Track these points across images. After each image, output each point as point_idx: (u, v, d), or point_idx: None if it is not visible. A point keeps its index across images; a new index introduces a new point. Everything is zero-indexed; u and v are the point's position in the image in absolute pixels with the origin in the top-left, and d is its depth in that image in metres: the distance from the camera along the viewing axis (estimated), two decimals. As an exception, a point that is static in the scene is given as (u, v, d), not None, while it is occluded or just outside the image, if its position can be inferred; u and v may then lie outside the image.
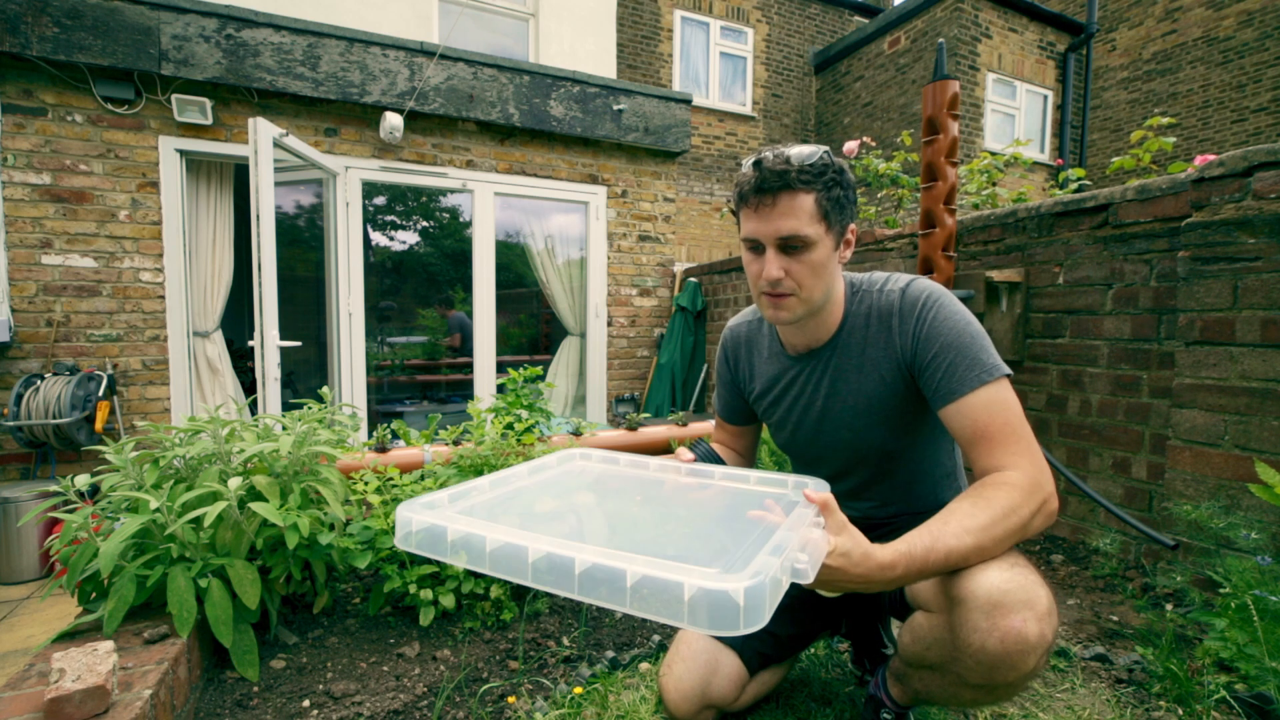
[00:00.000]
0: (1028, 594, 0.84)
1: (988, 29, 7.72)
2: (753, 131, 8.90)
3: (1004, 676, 0.86)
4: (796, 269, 1.03)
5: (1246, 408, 1.69)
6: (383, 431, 2.42)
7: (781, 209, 1.00)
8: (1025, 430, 0.96)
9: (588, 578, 0.66)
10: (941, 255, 2.45)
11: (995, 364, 0.99)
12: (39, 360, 3.31)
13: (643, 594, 0.63)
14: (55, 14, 3.21)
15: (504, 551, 0.72)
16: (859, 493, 1.22)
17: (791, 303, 1.06)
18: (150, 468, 1.52)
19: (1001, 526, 0.87)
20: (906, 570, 0.82)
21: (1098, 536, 2.18)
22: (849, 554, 0.79)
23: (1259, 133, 7.66)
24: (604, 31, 5.84)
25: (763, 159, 1.01)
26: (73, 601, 2.41)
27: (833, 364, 1.15)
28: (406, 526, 0.82)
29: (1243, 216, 1.69)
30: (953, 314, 1.03)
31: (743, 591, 0.59)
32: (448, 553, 0.78)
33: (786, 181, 0.99)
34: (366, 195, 4.20)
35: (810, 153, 1.01)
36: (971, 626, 0.86)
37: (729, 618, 0.58)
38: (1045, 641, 0.84)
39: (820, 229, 1.02)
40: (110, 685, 1.08)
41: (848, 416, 1.14)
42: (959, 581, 0.89)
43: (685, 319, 4.76)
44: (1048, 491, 0.91)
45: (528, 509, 1.01)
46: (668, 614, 0.61)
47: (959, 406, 0.98)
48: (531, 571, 0.70)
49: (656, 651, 1.56)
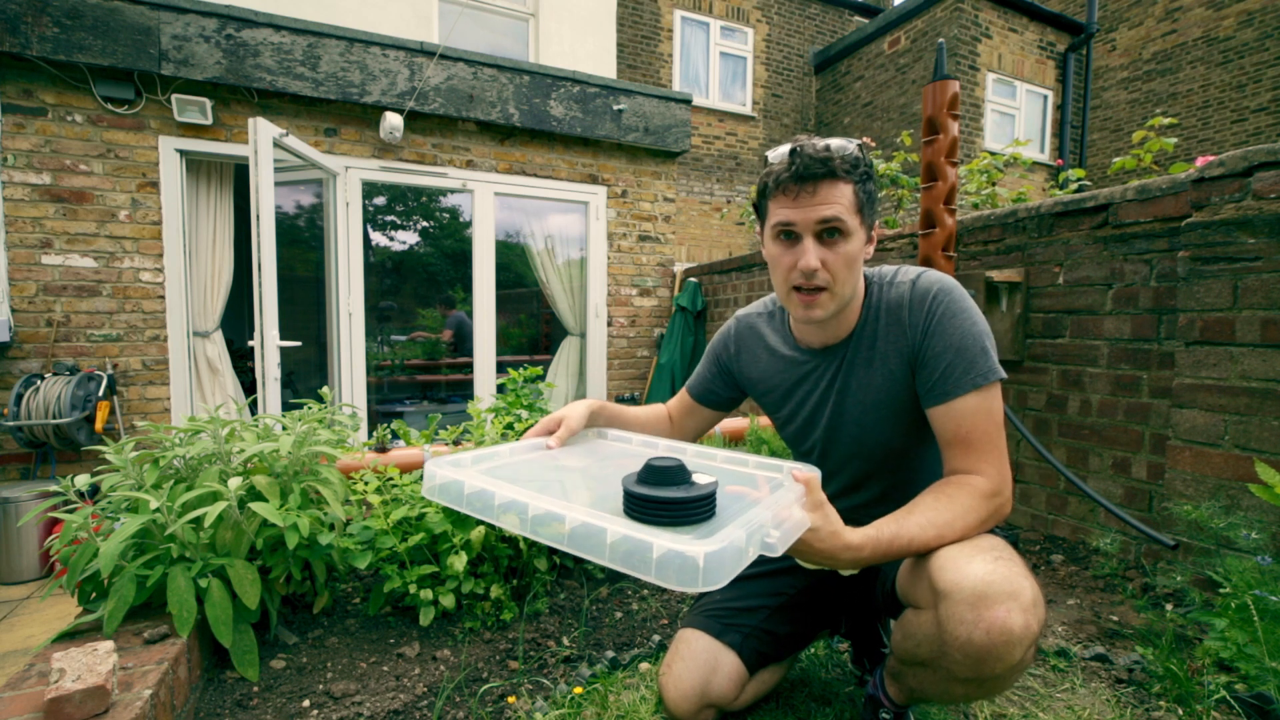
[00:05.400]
0: (1012, 585, 0.85)
1: (988, 29, 7.72)
2: (753, 131, 8.90)
3: (991, 669, 0.86)
4: (832, 260, 1.02)
5: (1246, 408, 1.69)
6: (383, 431, 2.42)
7: (823, 195, 0.99)
8: (1000, 438, 1.00)
9: (575, 534, 0.76)
10: (941, 255, 2.45)
11: (990, 367, 1.00)
12: (39, 360, 3.31)
13: (620, 551, 0.73)
14: (55, 14, 3.21)
15: (509, 506, 0.84)
16: (860, 486, 1.22)
17: (824, 299, 1.05)
18: (150, 468, 1.52)
19: (960, 524, 0.95)
20: (873, 553, 0.90)
21: (1098, 536, 2.18)
22: (817, 530, 0.86)
23: (1259, 133, 7.66)
24: (604, 31, 5.84)
25: (800, 147, 1.01)
26: (73, 601, 2.42)
27: (847, 359, 1.14)
28: (431, 479, 0.95)
29: (1243, 216, 1.69)
30: (960, 311, 1.03)
31: (702, 555, 0.68)
32: (464, 504, 0.90)
33: (830, 168, 0.99)
34: (366, 195, 4.20)
35: (848, 144, 1.01)
36: (957, 619, 0.86)
37: (690, 577, 0.68)
38: (1031, 633, 0.84)
39: (856, 220, 1.02)
40: (110, 685, 1.08)
41: (856, 413, 1.14)
42: (943, 575, 0.89)
43: (685, 319, 4.76)
44: (1004, 498, 0.99)
45: (542, 474, 1.05)
46: (640, 570, 0.71)
47: (948, 408, 1.00)
48: (531, 524, 0.80)
49: (656, 651, 1.56)
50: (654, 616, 1.78)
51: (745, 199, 8.56)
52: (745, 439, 2.93)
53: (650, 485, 0.81)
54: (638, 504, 0.79)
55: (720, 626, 1.20)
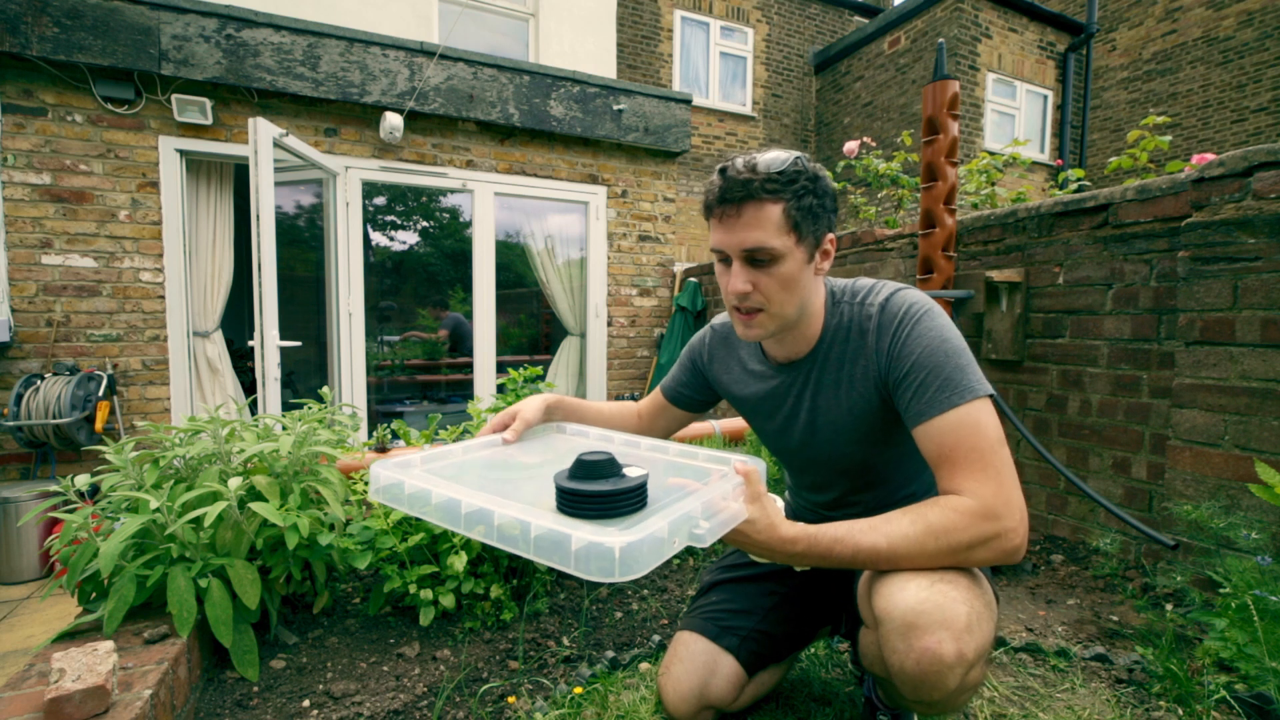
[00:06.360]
0: (944, 613, 0.82)
1: (988, 29, 7.72)
2: (753, 131, 8.90)
3: (929, 695, 0.85)
4: (765, 282, 0.97)
5: (1246, 408, 1.69)
6: (383, 431, 2.42)
7: (746, 220, 0.95)
8: (994, 457, 0.88)
9: (503, 530, 0.79)
10: (941, 255, 2.45)
11: (970, 385, 0.92)
12: (39, 360, 3.31)
13: (542, 544, 0.75)
14: (55, 14, 3.21)
15: (445, 505, 0.85)
16: (843, 502, 1.21)
17: (762, 319, 1.01)
18: (150, 468, 1.52)
19: (929, 543, 0.86)
20: (808, 549, 0.88)
21: (1098, 536, 2.18)
22: (754, 522, 0.86)
23: (1259, 133, 7.66)
24: (604, 31, 5.85)
25: (728, 166, 0.96)
26: (73, 601, 2.42)
27: (813, 377, 1.10)
28: (376, 481, 0.95)
29: (1243, 216, 1.69)
30: (930, 330, 0.97)
31: (619, 546, 0.70)
32: (405, 505, 0.91)
33: (750, 191, 0.93)
34: (366, 195, 4.20)
35: (779, 159, 0.95)
36: (891, 648, 0.86)
37: (607, 567, 0.70)
38: (965, 659, 0.82)
39: (789, 240, 0.95)
40: (110, 685, 1.08)
41: (828, 432, 1.11)
42: (880, 600, 0.88)
43: (685, 319, 4.76)
44: (1003, 526, 0.86)
45: (488, 472, 1.07)
46: (561, 561, 0.73)
47: (927, 429, 0.93)
48: (464, 522, 0.83)
49: (656, 651, 1.56)
50: (654, 616, 1.78)
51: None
52: (745, 439, 2.93)
53: (580, 480, 0.82)
54: (568, 499, 0.81)
55: (717, 629, 1.20)
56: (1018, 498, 0.88)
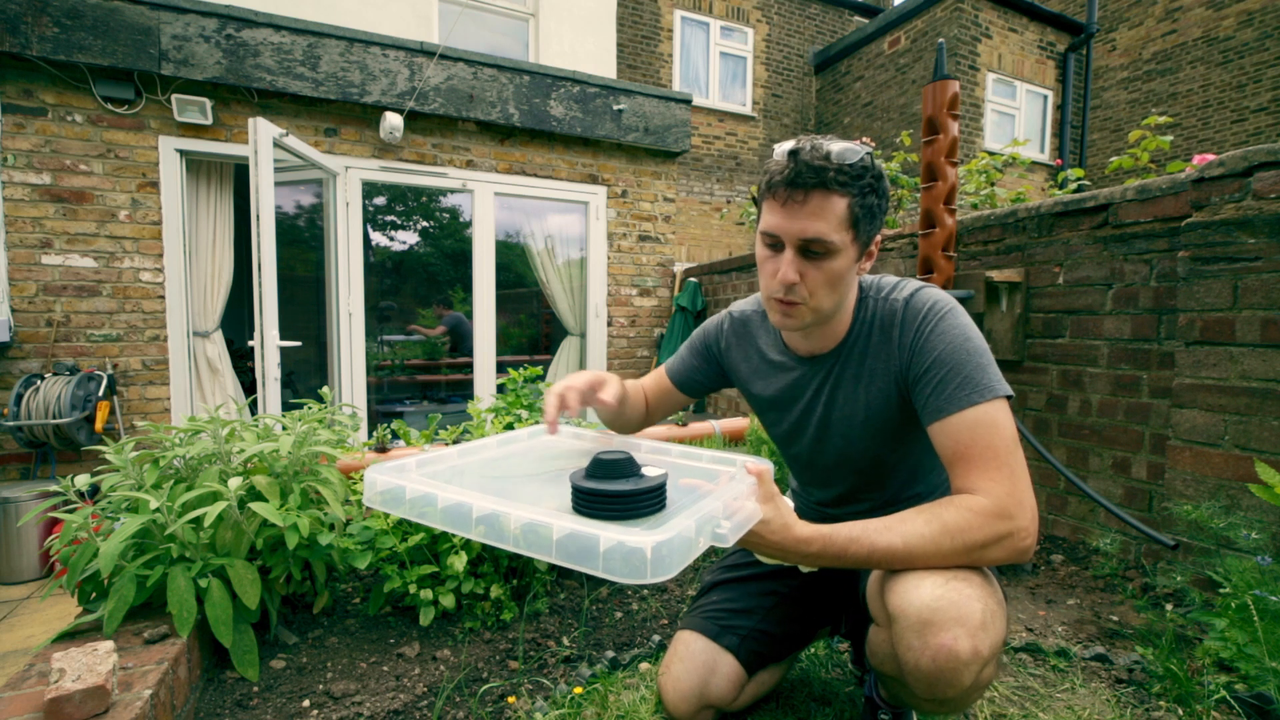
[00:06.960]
0: (959, 610, 0.83)
1: (988, 29, 7.72)
2: (753, 131, 8.90)
3: (943, 692, 0.85)
4: (813, 276, 0.96)
5: (1246, 408, 1.69)
6: (383, 431, 2.42)
7: (811, 209, 0.92)
8: (1010, 457, 0.89)
9: (523, 533, 0.76)
10: (941, 255, 2.45)
11: (989, 385, 0.92)
12: (39, 360, 3.31)
13: (567, 547, 0.72)
14: (55, 14, 3.21)
15: (454, 509, 0.82)
16: (849, 499, 1.21)
17: (801, 311, 1.00)
18: (150, 468, 1.52)
19: (945, 542, 0.86)
20: (823, 549, 0.87)
21: (1098, 536, 2.18)
22: (769, 523, 0.86)
23: (1259, 133, 7.66)
24: (604, 31, 5.85)
25: (800, 149, 0.92)
26: (73, 601, 2.42)
27: (835, 371, 1.10)
28: (373, 486, 0.90)
29: (1243, 216, 1.69)
30: (953, 328, 0.97)
31: (650, 546, 0.67)
32: (406, 509, 0.86)
33: (823, 179, 0.90)
34: (366, 195, 4.20)
35: (852, 150, 0.92)
36: (906, 645, 0.86)
37: (638, 568, 0.68)
38: (980, 656, 0.82)
39: (847, 237, 0.94)
40: (110, 685, 1.08)
41: (843, 427, 1.11)
42: (893, 598, 0.88)
43: (685, 319, 4.76)
44: (1016, 525, 0.87)
45: (489, 476, 1.05)
46: (588, 564, 0.70)
47: (943, 425, 0.93)
48: (475, 526, 0.80)
49: (656, 651, 1.56)
50: (654, 616, 1.78)
51: (745, 199, 8.56)
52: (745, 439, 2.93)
53: (598, 480, 0.80)
54: (586, 499, 0.78)
55: (717, 629, 1.20)
56: (1030, 498, 0.89)
